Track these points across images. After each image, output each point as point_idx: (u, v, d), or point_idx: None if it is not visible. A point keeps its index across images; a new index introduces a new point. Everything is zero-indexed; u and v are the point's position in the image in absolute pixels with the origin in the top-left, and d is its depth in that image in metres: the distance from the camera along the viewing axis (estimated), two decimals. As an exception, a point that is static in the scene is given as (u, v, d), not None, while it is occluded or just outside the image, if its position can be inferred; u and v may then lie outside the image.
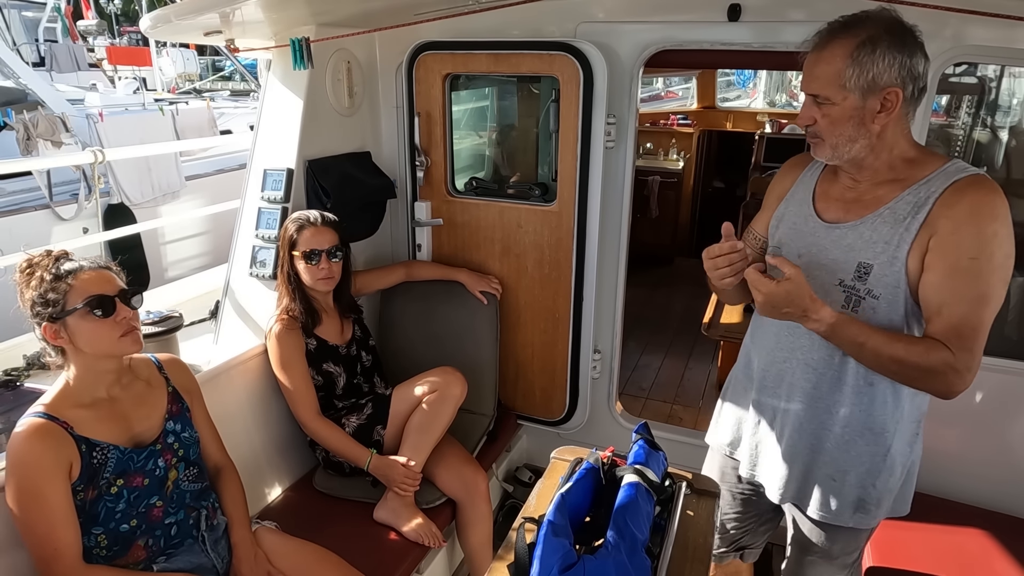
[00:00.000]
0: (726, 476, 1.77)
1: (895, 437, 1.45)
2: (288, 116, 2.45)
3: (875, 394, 1.42)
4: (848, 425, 1.46)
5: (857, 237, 1.36)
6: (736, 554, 1.90)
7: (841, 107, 1.27)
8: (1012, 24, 1.91)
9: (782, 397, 1.54)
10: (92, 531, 1.48)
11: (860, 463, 1.47)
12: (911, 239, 1.29)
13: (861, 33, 1.24)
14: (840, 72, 1.25)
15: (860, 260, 1.35)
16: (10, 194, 5.33)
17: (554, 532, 1.23)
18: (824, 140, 1.33)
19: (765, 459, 1.62)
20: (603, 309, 2.74)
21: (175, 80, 10.69)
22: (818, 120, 1.31)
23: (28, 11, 13.39)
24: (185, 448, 1.65)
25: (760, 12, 2.23)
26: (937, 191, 1.28)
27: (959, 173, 1.30)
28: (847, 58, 1.24)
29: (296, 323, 2.20)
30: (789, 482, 1.56)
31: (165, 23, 2.05)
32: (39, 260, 1.47)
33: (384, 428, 2.22)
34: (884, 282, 1.33)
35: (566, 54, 2.39)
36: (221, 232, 5.97)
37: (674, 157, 5.87)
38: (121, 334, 1.47)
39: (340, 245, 2.23)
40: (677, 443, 2.72)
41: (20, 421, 1.42)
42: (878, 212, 1.34)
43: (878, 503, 1.49)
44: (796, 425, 1.52)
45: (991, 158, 3.04)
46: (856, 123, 1.28)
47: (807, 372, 1.47)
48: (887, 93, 1.25)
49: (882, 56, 1.23)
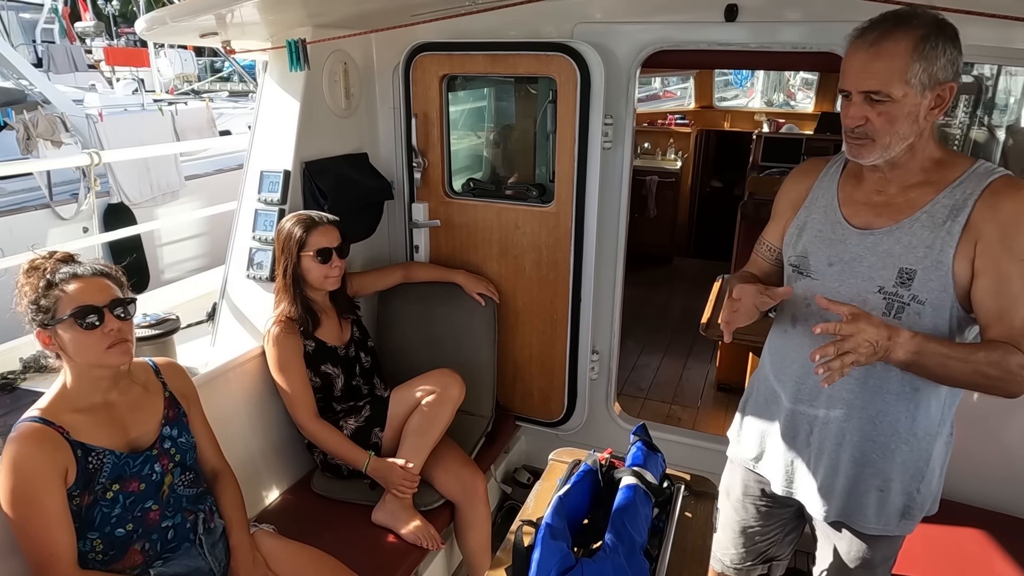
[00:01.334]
0: (749, 489, 1.71)
1: (937, 440, 1.43)
2: (285, 118, 2.44)
3: (919, 399, 1.39)
4: (894, 433, 1.41)
5: (895, 242, 1.32)
6: (764, 566, 1.85)
7: (901, 103, 1.22)
8: (1009, 24, 1.90)
9: (820, 408, 1.47)
10: (88, 536, 1.47)
11: (905, 470, 1.43)
12: (955, 243, 1.27)
13: (920, 28, 1.20)
14: (906, 67, 1.20)
15: (901, 266, 1.31)
16: (10, 194, 5.35)
17: (552, 535, 1.23)
18: (876, 140, 1.27)
19: (803, 475, 1.55)
20: (601, 310, 2.73)
21: (173, 81, 10.68)
22: (872, 119, 1.25)
23: (25, 12, 13.37)
24: (182, 453, 1.65)
25: (757, 12, 2.23)
26: (974, 193, 1.27)
27: (991, 174, 1.28)
28: (912, 52, 1.20)
29: (294, 326, 2.19)
30: (834, 498, 1.50)
31: (160, 25, 2.04)
32: (41, 263, 1.45)
33: (382, 430, 2.22)
34: (930, 287, 1.29)
35: (563, 55, 2.39)
36: (218, 234, 5.97)
37: (672, 157, 5.87)
38: (108, 346, 1.44)
39: (345, 243, 2.25)
40: (676, 443, 2.72)
41: (15, 426, 1.41)
42: (915, 216, 1.31)
43: (922, 508, 1.47)
44: (838, 438, 1.46)
45: (988, 156, 3.04)
46: (912, 120, 1.25)
47: (847, 382, 1.40)
48: (943, 89, 1.23)
49: (943, 51, 1.20)
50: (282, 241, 2.22)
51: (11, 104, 6.01)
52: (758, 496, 1.71)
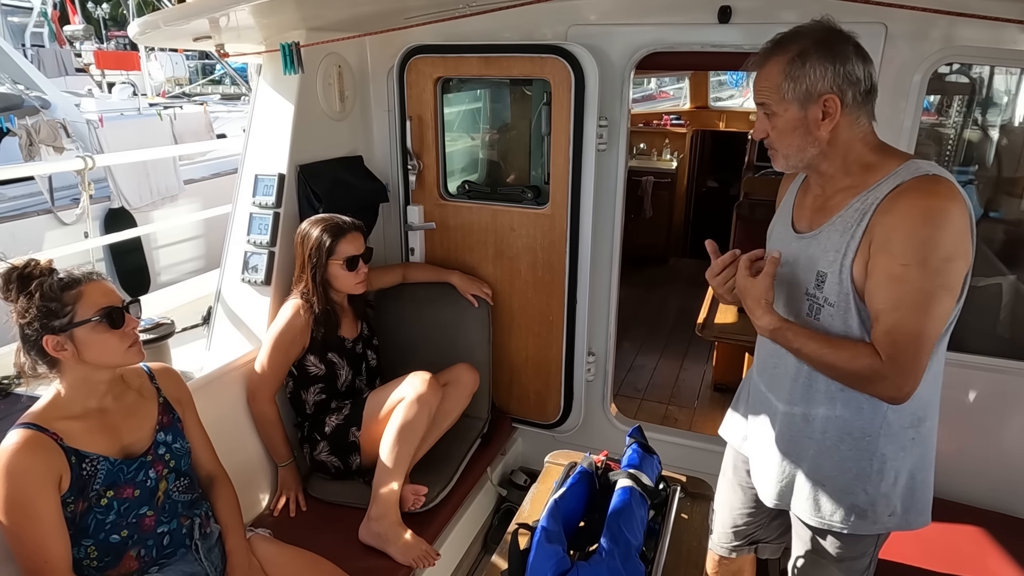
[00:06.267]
0: (737, 470, 1.79)
1: (881, 442, 1.44)
2: (279, 121, 2.44)
3: (848, 399, 1.43)
4: (827, 430, 1.47)
5: (817, 246, 1.40)
6: (750, 548, 1.88)
7: (784, 118, 1.34)
8: (1000, 25, 1.92)
9: (775, 400, 1.56)
10: (82, 543, 1.47)
11: (846, 468, 1.47)
12: (855, 247, 1.32)
13: (792, 49, 1.31)
14: (778, 86, 1.32)
15: (818, 269, 1.39)
16: (12, 199, 5.39)
17: (548, 539, 1.23)
18: (777, 151, 1.39)
19: (758, 461, 1.64)
20: (597, 311, 2.73)
21: (164, 85, 10.66)
22: (769, 132, 1.38)
23: (14, 16, 13.32)
24: (176, 459, 1.64)
25: (751, 14, 2.24)
26: (880, 197, 1.30)
27: (908, 175, 1.29)
28: (781, 74, 1.31)
29: (311, 317, 2.20)
30: (775, 484, 1.58)
31: (154, 29, 2.04)
32: (31, 271, 1.43)
33: (359, 429, 2.22)
34: (835, 290, 1.36)
35: (557, 57, 2.39)
36: (214, 237, 5.99)
37: (667, 157, 5.87)
38: (128, 345, 1.48)
39: (369, 248, 2.29)
40: (672, 445, 2.72)
41: (9, 433, 1.40)
42: (831, 221, 1.38)
43: (874, 508, 1.48)
44: (782, 429, 1.55)
45: (982, 156, 3.06)
46: (803, 132, 1.34)
47: (786, 377, 1.51)
48: (825, 100, 1.30)
49: (812, 68, 1.29)
50: (309, 247, 2.20)
51: (8, 110, 6.01)
52: (745, 477, 1.76)
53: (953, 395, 1.32)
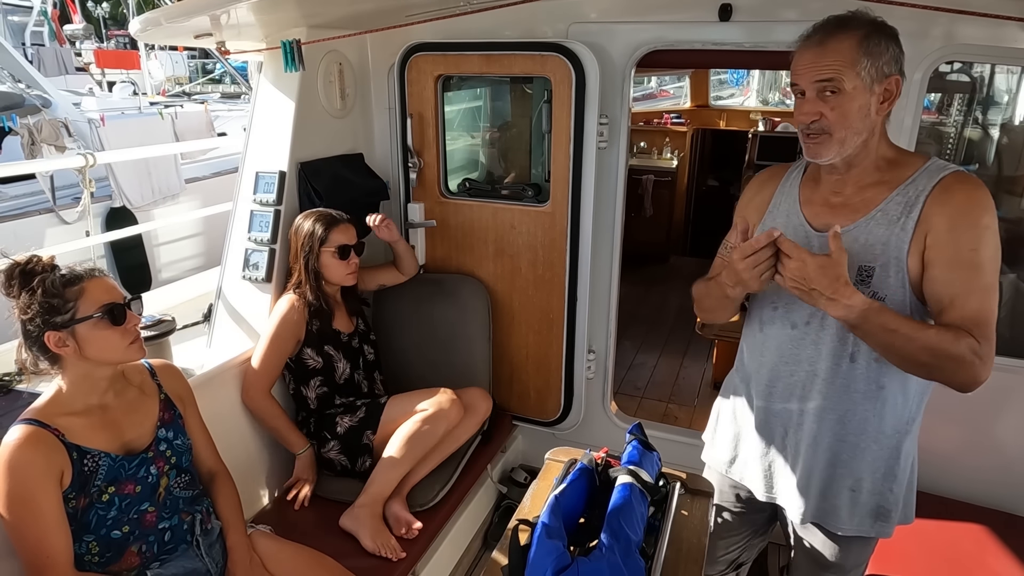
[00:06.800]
0: (724, 495, 1.73)
1: (905, 437, 1.44)
2: (280, 118, 2.44)
3: (886, 397, 1.40)
4: (863, 432, 1.43)
5: (853, 241, 1.34)
6: (733, 573, 1.88)
7: (852, 96, 1.26)
8: (1000, 23, 1.92)
9: (794, 411, 1.48)
10: (84, 538, 1.47)
11: (875, 468, 1.44)
12: (908, 239, 1.30)
13: (862, 28, 1.26)
14: (854, 60, 1.25)
15: (860, 264, 1.34)
16: (14, 198, 5.40)
17: (548, 534, 1.24)
18: (832, 135, 1.29)
19: (781, 478, 1.55)
20: (597, 309, 2.74)
21: (164, 83, 10.66)
22: (826, 114, 1.28)
23: (14, 15, 13.32)
24: (177, 455, 1.64)
25: (751, 12, 2.24)
26: (926, 189, 1.30)
27: (942, 171, 1.31)
28: (858, 48, 1.25)
29: (305, 311, 2.22)
30: (809, 500, 1.51)
31: (155, 26, 2.04)
32: (33, 267, 1.43)
33: (374, 433, 2.24)
34: (888, 283, 1.33)
35: (558, 55, 2.39)
36: (214, 234, 5.99)
37: (668, 156, 5.88)
38: (130, 342, 1.49)
39: (361, 241, 2.31)
40: (672, 442, 2.72)
41: (11, 428, 1.41)
42: (870, 215, 1.34)
43: (896, 508, 1.47)
44: (811, 439, 1.47)
45: (982, 155, 3.06)
46: (864, 114, 1.28)
47: (815, 382, 1.44)
48: (889, 82, 1.27)
49: (886, 46, 1.26)
50: (301, 237, 2.25)
51: (9, 109, 6.02)
52: (733, 502, 1.73)
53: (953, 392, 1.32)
